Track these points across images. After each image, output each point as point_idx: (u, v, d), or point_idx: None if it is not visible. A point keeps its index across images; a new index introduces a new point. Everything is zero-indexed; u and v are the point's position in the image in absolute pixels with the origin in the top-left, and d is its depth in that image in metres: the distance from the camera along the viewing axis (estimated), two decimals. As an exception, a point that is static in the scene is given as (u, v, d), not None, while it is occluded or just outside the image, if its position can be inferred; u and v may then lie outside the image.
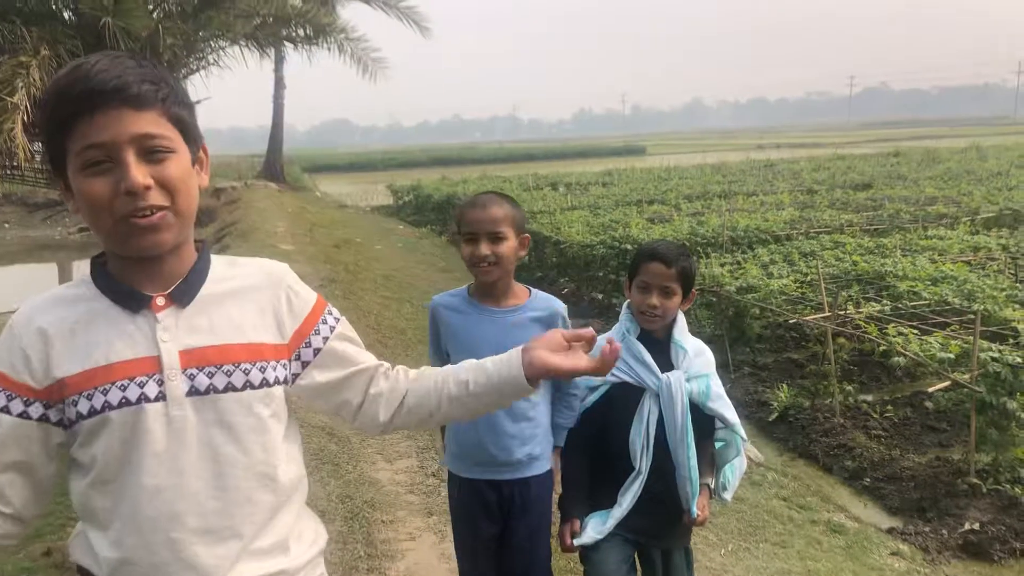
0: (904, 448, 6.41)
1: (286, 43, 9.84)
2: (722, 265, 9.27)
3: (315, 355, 1.65)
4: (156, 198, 1.39)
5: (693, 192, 19.04)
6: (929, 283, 7.76)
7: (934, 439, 6.59)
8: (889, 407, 7.04)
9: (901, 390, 7.55)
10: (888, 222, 12.57)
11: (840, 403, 6.93)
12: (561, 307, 2.74)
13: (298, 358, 1.64)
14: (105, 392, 1.42)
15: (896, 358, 6.09)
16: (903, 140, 60.09)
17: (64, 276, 19.60)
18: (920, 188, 17.70)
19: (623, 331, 2.78)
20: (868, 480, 6.04)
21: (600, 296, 11.74)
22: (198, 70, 9.18)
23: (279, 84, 35.98)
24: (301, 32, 9.32)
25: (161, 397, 1.45)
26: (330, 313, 1.70)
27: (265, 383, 1.55)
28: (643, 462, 2.66)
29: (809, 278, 8.38)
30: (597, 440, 2.78)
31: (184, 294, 1.51)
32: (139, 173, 1.36)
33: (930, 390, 5.90)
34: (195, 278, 1.53)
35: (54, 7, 7.64)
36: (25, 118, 6.28)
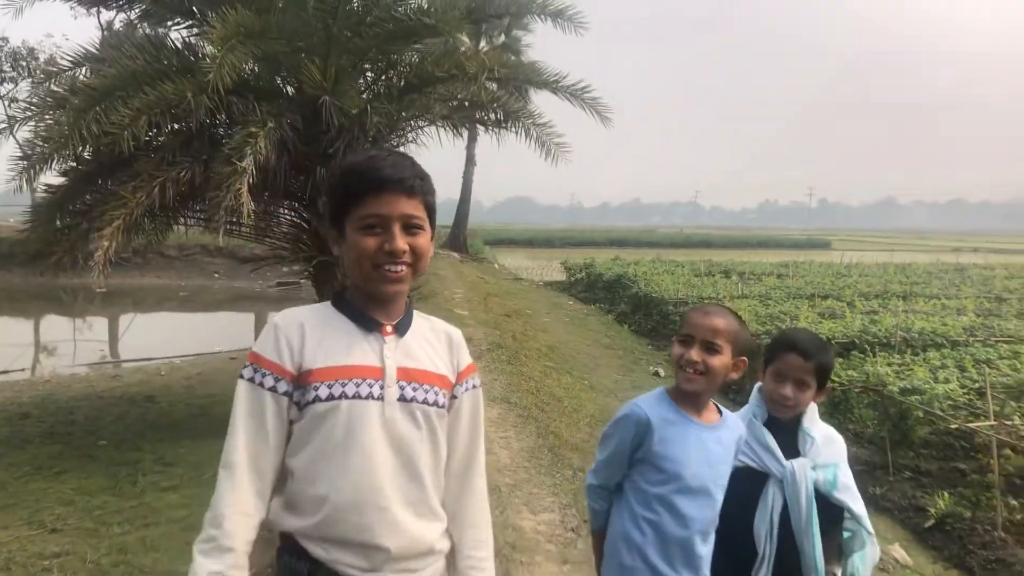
0: (1070, 571, 6.09)
1: (478, 125, 10.57)
2: (888, 365, 9.10)
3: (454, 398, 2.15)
4: (405, 259, 1.97)
5: (871, 290, 18.52)
6: (1111, 403, 7.36)
7: (1108, 567, 6.22)
8: (1058, 527, 6.68)
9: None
10: (1080, 337, 11.85)
11: (1005, 518, 6.66)
12: (745, 430, 2.68)
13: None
14: (343, 385, 1.93)
15: (1061, 474, 5.85)
16: (1120, 252, 55.37)
17: (259, 325, 21.34)
18: None
19: (751, 414, 2.75)
20: (1025, 598, 5.79)
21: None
22: (399, 146, 10.07)
23: (469, 161, 37.86)
24: (492, 116, 10.01)
25: (380, 398, 1.95)
26: (475, 377, 2.22)
27: (442, 404, 2.07)
28: (767, 549, 2.61)
29: (978, 385, 8.11)
30: (721, 526, 2.59)
31: (403, 328, 2.06)
32: (401, 241, 1.94)
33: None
34: (408, 319, 2.09)
35: (281, 85, 8.70)
36: (250, 180, 7.17)
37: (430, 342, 2.11)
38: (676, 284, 19.31)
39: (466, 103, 9.97)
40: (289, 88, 8.83)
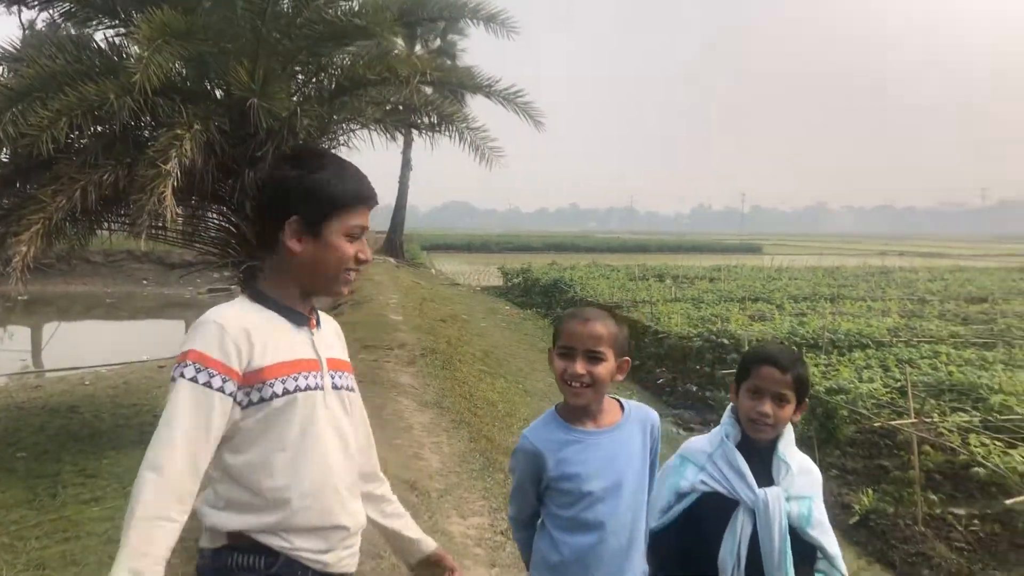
0: (987, 563, 6.29)
1: (412, 129, 10.53)
2: (815, 366, 9.30)
3: None
4: (363, 265, 2.12)
5: (801, 293, 18.94)
6: (1026, 398, 7.64)
7: (1023, 558, 6.44)
8: (976, 521, 6.91)
9: (993, 506, 7.39)
10: (997, 337, 12.28)
11: (925, 512, 6.85)
12: (656, 417, 2.54)
13: None
14: (295, 379, 2.00)
15: (976, 468, 6.05)
16: (1039, 256, 57.58)
17: (190, 332, 20.87)
18: (1042, 305, 17.12)
19: (722, 435, 2.54)
20: (944, 591, 5.96)
21: (695, 388, 11.84)
22: (330, 149, 9.97)
23: (405, 166, 37.77)
24: (426, 120, 9.97)
25: (321, 388, 2.06)
26: None
27: (354, 389, 2.24)
28: None
29: (900, 384, 8.35)
30: (683, 555, 2.50)
31: (318, 322, 2.19)
32: (369, 251, 2.14)
33: (1008, 502, 5.82)
34: (317, 314, 2.21)
35: (208, 87, 8.53)
36: (175, 184, 7.02)
37: (331, 333, 2.26)
38: (611, 288, 19.50)
39: (400, 107, 9.92)
40: (217, 90, 8.67)
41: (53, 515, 6.93)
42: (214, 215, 9.62)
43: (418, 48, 32.17)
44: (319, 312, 2.25)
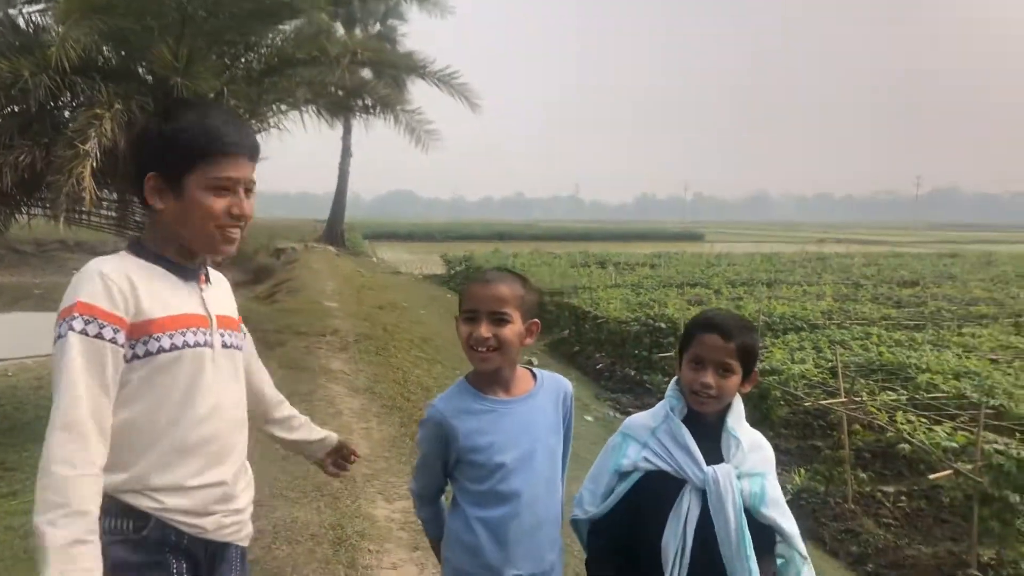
0: (913, 538, 6.41)
1: (346, 111, 10.35)
2: (750, 348, 9.38)
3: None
4: (242, 222, 1.98)
5: (738, 278, 19.16)
6: (951, 376, 7.79)
7: (946, 532, 6.56)
8: (903, 497, 7.04)
9: (920, 483, 7.53)
10: (927, 319, 12.54)
11: (854, 490, 6.95)
12: (569, 386, 2.44)
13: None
14: (183, 334, 1.91)
15: (901, 445, 6.14)
16: (968, 243, 59.28)
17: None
18: (968, 289, 17.57)
19: (667, 410, 2.34)
20: (871, 566, 6.05)
21: (633, 372, 11.88)
22: (259, 132, 9.74)
23: (345, 152, 37.23)
24: (360, 102, 9.81)
25: (210, 345, 1.97)
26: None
27: (241, 347, 2.16)
28: (676, 570, 2.18)
29: (832, 365, 8.46)
30: (626, 541, 2.32)
31: (208, 277, 2.10)
32: (247, 204, 1.98)
33: (931, 477, 5.92)
34: (207, 269, 2.12)
35: (131, 66, 8.26)
36: (94, 164, 6.78)
37: (222, 289, 2.18)
38: (553, 275, 19.48)
39: (337, 90, 9.73)
40: (141, 69, 8.41)
41: (-33, 510, 6.67)
42: (139, 199, 9.34)
43: (358, 32, 31.73)
44: (209, 268, 2.15)
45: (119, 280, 1.83)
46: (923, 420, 6.29)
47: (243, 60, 8.90)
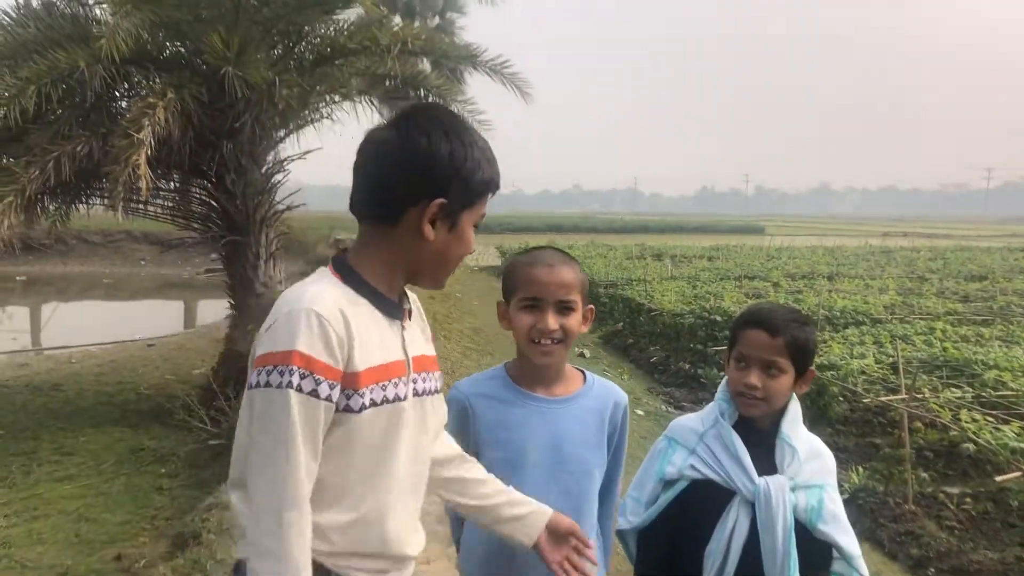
0: (978, 542, 6.13)
1: (396, 101, 10.33)
2: (807, 342, 9.14)
3: None
4: None
5: (799, 272, 18.78)
6: (1020, 374, 7.47)
7: (1015, 536, 6.27)
8: (968, 499, 6.75)
9: (986, 484, 7.22)
10: (996, 314, 12.09)
11: (915, 491, 6.69)
12: (623, 399, 2.23)
13: None
14: (383, 388, 1.65)
15: (966, 444, 5.88)
16: (1045, 237, 57.25)
17: (189, 313, 20.79)
18: (1040, 284, 16.94)
19: (716, 414, 2.16)
20: (932, 571, 5.80)
21: (687, 366, 11.66)
22: (312, 122, 9.77)
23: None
24: (415, 92, 9.78)
25: (406, 397, 1.70)
26: None
27: (439, 390, 1.86)
28: None
29: (893, 360, 8.19)
30: (670, 553, 2.18)
31: (411, 311, 1.81)
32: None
33: (999, 479, 5.65)
34: (408, 300, 1.84)
35: (185, 57, 8.33)
36: (149, 154, 6.84)
37: (416, 320, 1.86)
38: (608, 267, 19.31)
39: (392, 81, 9.67)
40: (196, 60, 8.48)
41: (24, 493, 6.83)
42: (196, 189, 9.45)
43: (416, 25, 31.87)
44: (406, 291, 1.84)
45: (336, 325, 1.58)
46: (990, 419, 6.03)
47: (295, 50, 8.92)
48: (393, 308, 1.72)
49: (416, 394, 1.74)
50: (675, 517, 2.14)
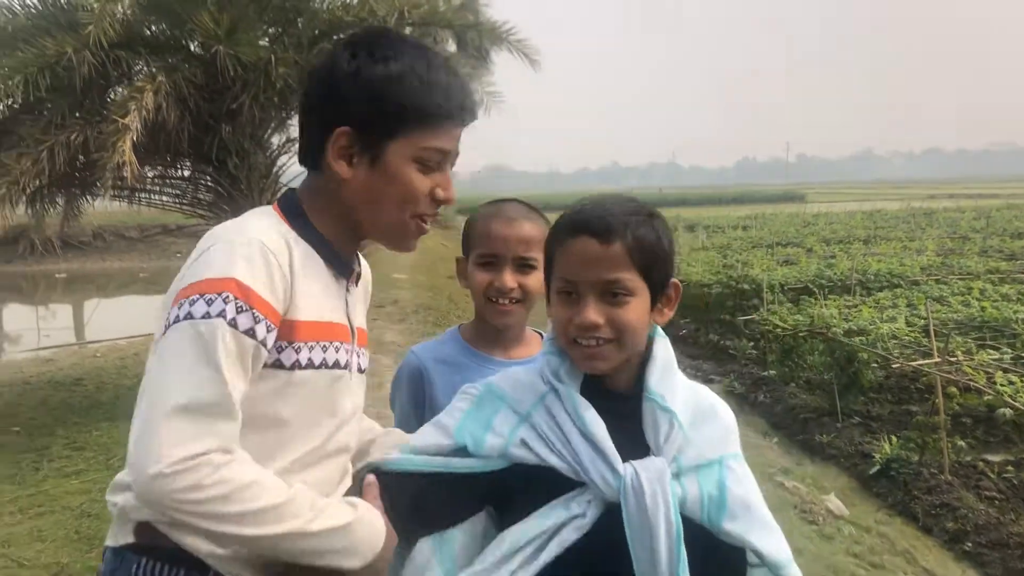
0: (1020, 513, 5.75)
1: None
2: (836, 307, 8.72)
3: None
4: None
5: (834, 237, 18.22)
6: (1064, 333, 7.02)
7: (1060, 506, 5.88)
8: (1010, 467, 6.35)
9: (1029, 451, 6.81)
10: (1043, 271, 11.55)
11: (952, 460, 6.30)
12: None
13: None
14: (324, 348, 1.41)
15: (1002, 409, 5.49)
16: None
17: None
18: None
19: (547, 377, 1.49)
20: (970, 544, 5.43)
21: (716, 338, 11.30)
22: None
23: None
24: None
25: (347, 367, 1.47)
26: None
27: (365, 371, 1.61)
28: None
29: (926, 323, 7.76)
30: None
31: (358, 277, 1.58)
32: (453, 191, 1.49)
33: (1038, 446, 5.26)
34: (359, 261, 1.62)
35: (178, 39, 8.12)
36: (136, 139, 6.67)
37: (363, 290, 1.65)
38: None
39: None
40: (192, 42, 8.28)
41: (32, 490, 6.73)
42: (200, 175, 9.29)
43: (441, 4, 31.58)
44: (360, 257, 1.62)
45: (282, 259, 1.33)
46: (1028, 382, 5.61)
47: (294, 27, 8.66)
48: (340, 264, 1.49)
49: (360, 370, 1.54)
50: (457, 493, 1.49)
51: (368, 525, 1.35)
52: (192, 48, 7.99)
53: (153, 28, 8.13)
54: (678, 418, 1.41)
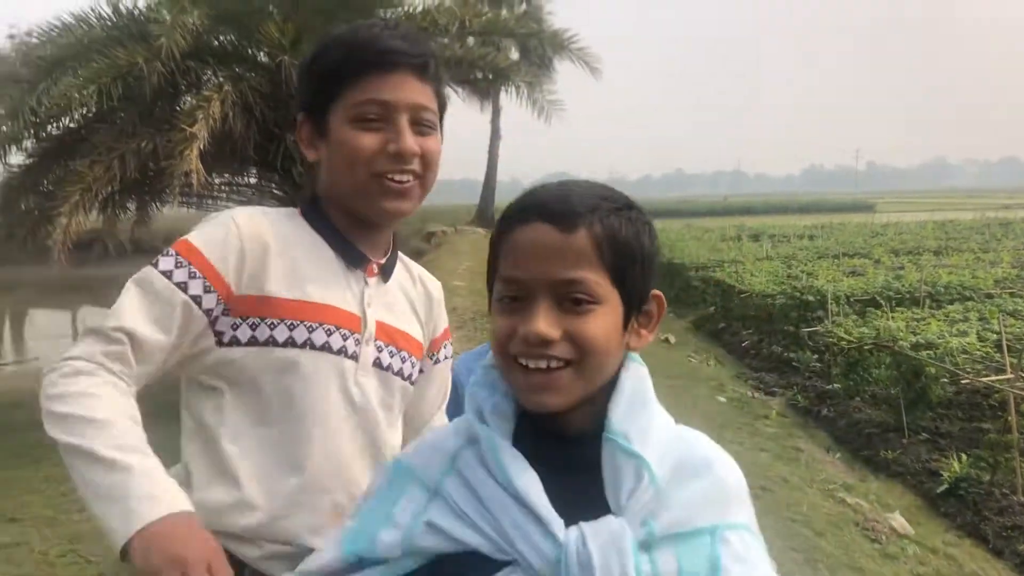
0: (1100, 538, 5.52)
1: (465, 85, 10.14)
2: (904, 320, 8.49)
3: (422, 372, 1.68)
4: (415, 166, 1.44)
5: (904, 248, 17.72)
6: None
7: None
8: (1089, 490, 6.09)
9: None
10: None
11: (1025, 479, 6.08)
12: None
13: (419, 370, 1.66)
14: (310, 329, 1.40)
15: (1078, 429, 5.27)
16: None
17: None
18: None
19: (465, 424, 1.15)
20: (1043, 568, 5.24)
21: (779, 350, 11.08)
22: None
23: (494, 135, 37.72)
24: (477, 75, 9.57)
25: (354, 356, 1.46)
26: (449, 345, 1.79)
27: (411, 378, 1.60)
28: None
29: (996, 338, 7.50)
30: None
31: (388, 270, 1.57)
32: (411, 139, 1.41)
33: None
34: (394, 259, 1.60)
35: (245, 49, 8.32)
36: (202, 147, 6.84)
37: (408, 295, 1.62)
38: (701, 249, 18.69)
39: (459, 63, 9.48)
40: (258, 52, 8.47)
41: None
42: (268, 183, 9.49)
43: (504, 13, 31.79)
44: (406, 262, 1.64)
45: (249, 239, 1.39)
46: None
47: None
48: (353, 254, 1.49)
49: (380, 366, 1.49)
50: None
51: (159, 484, 1.23)
52: (258, 58, 8.15)
53: (221, 39, 8.33)
54: (649, 466, 1.03)
